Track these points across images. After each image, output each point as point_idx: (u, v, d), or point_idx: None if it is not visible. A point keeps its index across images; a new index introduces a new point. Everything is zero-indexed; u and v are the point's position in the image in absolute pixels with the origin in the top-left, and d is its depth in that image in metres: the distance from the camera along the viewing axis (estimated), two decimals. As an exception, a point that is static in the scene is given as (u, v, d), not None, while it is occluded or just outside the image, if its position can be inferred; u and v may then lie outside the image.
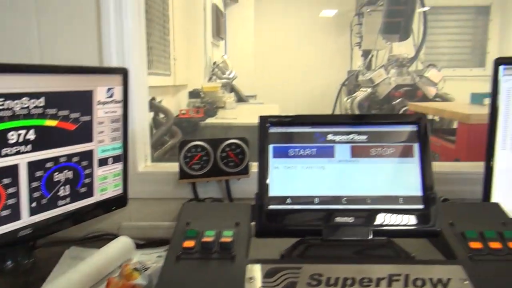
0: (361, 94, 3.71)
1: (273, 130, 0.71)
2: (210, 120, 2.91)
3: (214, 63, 4.31)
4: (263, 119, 0.71)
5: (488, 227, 0.66)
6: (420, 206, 0.66)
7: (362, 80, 3.84)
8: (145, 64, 1.08)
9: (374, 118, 0.71)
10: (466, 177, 0.98)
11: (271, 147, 0.71)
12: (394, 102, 3.51)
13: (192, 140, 0.94)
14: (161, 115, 2.54)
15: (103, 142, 0.84)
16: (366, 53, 4.73)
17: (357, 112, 3.70)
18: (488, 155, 0.81)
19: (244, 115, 3.46)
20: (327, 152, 0.70)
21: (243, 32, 5.29)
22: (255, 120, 0.73)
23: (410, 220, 0.65)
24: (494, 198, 0.81)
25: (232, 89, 4.92)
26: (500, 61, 0.80)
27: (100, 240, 0.95)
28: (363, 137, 0.70)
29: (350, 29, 4.89)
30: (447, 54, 5.57)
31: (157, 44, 2.79)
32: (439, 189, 0.67)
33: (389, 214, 0.66)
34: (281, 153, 0.70)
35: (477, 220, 0.69)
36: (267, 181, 0.69)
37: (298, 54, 5.75)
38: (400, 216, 0.65)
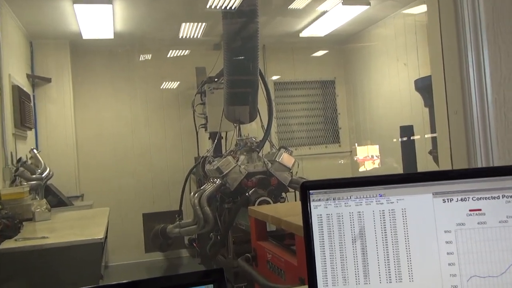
0: (209, 187, 3.77)
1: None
2: (6, 244, 2.57)
3: (19, 160, 3.97)
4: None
5: None
6: None
7: (210, 169, 3.93)
8: None
9: (166, 281, 0.66)
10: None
11: None
12: (247, 193, 3.63)
13: None
14: None
15: None
16: (214, 135, 4.88)
17: (206, 208, 3.72)
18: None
19: (61, 229, 3.17)
20: None
21: (60, 119, 5.06)
22: (76, 236, 0.61)
23: None
24: None
25: (48, 191, 4.56)
26: (307, 185, 0.85)
27: None
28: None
29: (192, 109, 5.05)
30: (300, 132, 6.18)
31: None
32: None
33: None
34: None
35: None
36: None
37: (135, 138, 5.66)
38: None
